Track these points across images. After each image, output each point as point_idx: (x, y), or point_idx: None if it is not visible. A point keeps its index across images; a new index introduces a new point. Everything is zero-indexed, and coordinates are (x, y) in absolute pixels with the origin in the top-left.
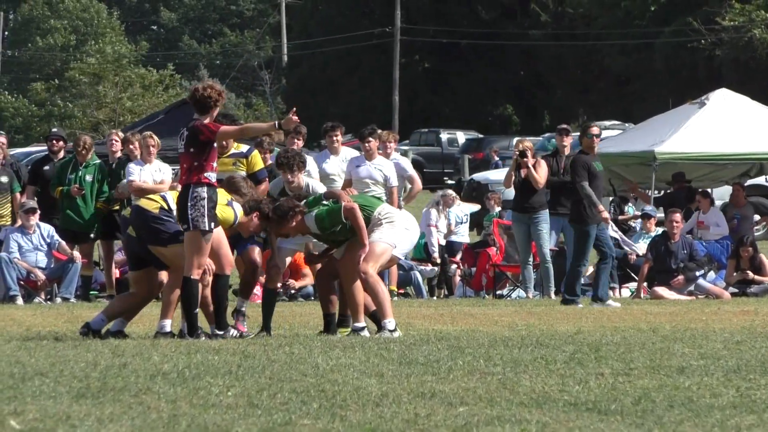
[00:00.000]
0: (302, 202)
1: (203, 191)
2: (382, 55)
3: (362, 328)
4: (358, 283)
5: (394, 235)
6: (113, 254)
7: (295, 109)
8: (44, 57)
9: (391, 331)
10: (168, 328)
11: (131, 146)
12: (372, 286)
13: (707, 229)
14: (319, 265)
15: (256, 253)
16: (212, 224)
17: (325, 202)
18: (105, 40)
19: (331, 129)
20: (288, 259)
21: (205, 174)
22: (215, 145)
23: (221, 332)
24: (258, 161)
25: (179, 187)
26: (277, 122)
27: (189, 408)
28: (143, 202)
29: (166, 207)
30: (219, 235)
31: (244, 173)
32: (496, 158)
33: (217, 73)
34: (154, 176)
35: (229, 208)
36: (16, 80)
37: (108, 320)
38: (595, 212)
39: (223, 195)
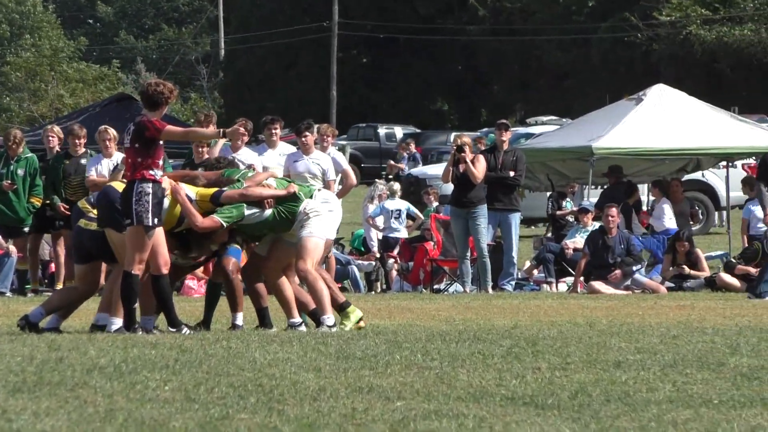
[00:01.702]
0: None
1: (148, 187)
2: (320, 49)
3: (299, 324)
4: (282, 280)
5: (323, 226)
6: (39, 248)
7: (243, 121)
8: None
9: (329, 326)
10: (117, 326)
11: (76, 140)
12: (311, 284)
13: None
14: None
15: (231, 264)
16: (156, 220)
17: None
18: (41, 34)
19: (270, 122)
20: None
21: (151, 171)
22: (161, 142)
23: (174, 329)
24: None
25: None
26: (222, 130)
27: (126, 402)
28: (116, 184)
29: None
30: (158, 234)
31: None
32: (405, 154)
33: (153, 67)
34: (111, 170)
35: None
36: None
37: (47, 313)
38: None
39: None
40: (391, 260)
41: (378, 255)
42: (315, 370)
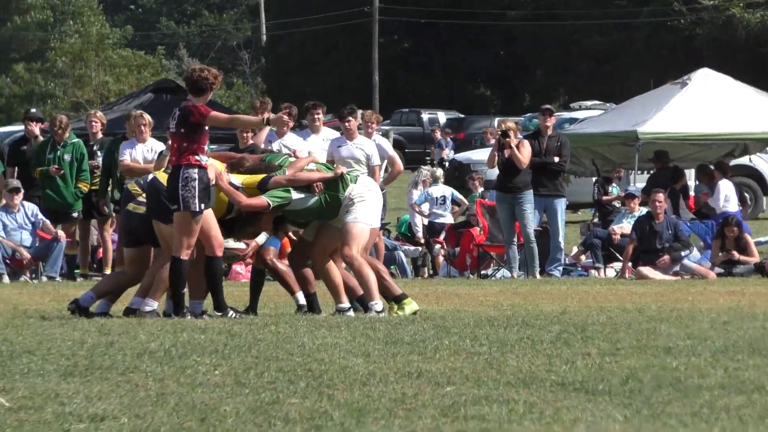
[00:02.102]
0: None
1: (194, 172)
2: (360, 34)
3: (347, 309)
4: (330, 265)
5: (368, 212)
6: (89, 233)
7: (287, 106)
8: (23, 36)
9: (378, 312)
10: (150, 308)
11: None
12: (357, 270)
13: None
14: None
15: (271, 252)
16: (202, 205)
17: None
18: (83, 20)
19: (312, 107)
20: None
21: (196, 156)
22: (206, 128)
23: (220, 313)
24: None
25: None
26: (266, 118)
27: (176, 386)
28: (160, 176)
29: None
30: (209, 216)
31: None
32: (448, 140)
33: (196, 53)
34: (146, 155)
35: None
36: None
37: (97, 297)
38: None
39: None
40: (438, 246)
41: (423, 241)
42: (364, 355)
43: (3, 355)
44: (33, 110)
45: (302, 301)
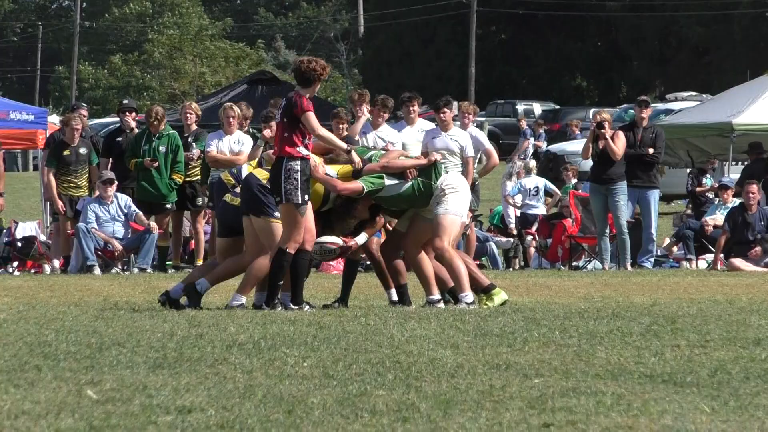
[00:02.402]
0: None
1: (296, 164)
2: (458, 26)
3: (437, 300)
4: (422, 256)
5: (459, 204)
6: (182, 225)
7: (383, 99)
8: (121, 27)
9: (468, 304)
10: (238, 303)
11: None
12: (448, 261)
13: None
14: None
15: (374, 242)
16: (305, 197)
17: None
18: (182, 11)
19: (408, 99)
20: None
21: (298, 147)
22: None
23: (296, 307)
24: None
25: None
26: (350, 149)
27: (265, 378)
28: (258, 172)
29: None
30: (308, 210)
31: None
32: (541, 131)
33: (293, 44)
34: (232, 147)
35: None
36: (94, 51)
37: (206, 285)
38: None
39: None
40: (530, 237)
41: (516, 232)
42: (452, 347)
43: (92, 347)
44: (126, 101)
45: (394, 297)
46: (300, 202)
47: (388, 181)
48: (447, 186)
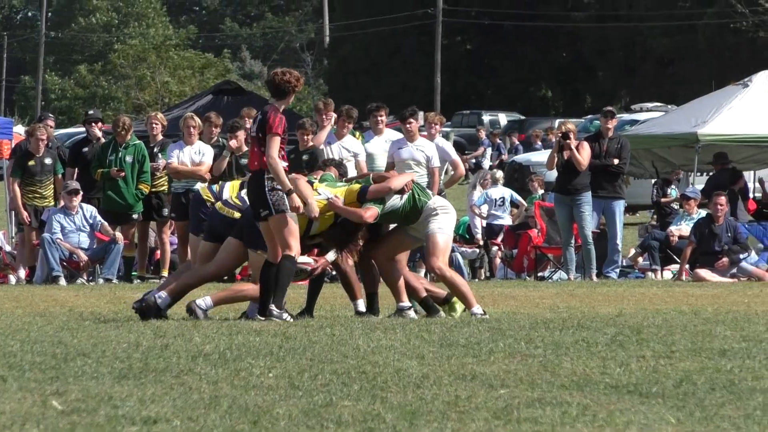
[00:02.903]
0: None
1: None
2: (424, 36)
3: (408, 308)
4: (392, 264)
5: (451, 224)
6: (148, 235)
7: (347, 110)
8: (87, 38)
9: (481, 314)
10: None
11: (213, 129)
12: (449, 280)
13: None
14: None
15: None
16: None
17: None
18: (148, 22)
19: (375, 109)
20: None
21: None
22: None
23: (263, 318)
24: None
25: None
26: (291, 190)
27: (230, 389)
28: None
29: (212, 201)
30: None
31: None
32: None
33: (258, 54)
34: (193, 158)
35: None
36: (60, 61)
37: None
38: None
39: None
40: (495, 247)
41: (482, 242)
42: (418, 357)
43: (57, 357)
44: (92, 112)
45: (361, 308)
46: (288, 209)
47: (389, 201)
48: (439, 206)
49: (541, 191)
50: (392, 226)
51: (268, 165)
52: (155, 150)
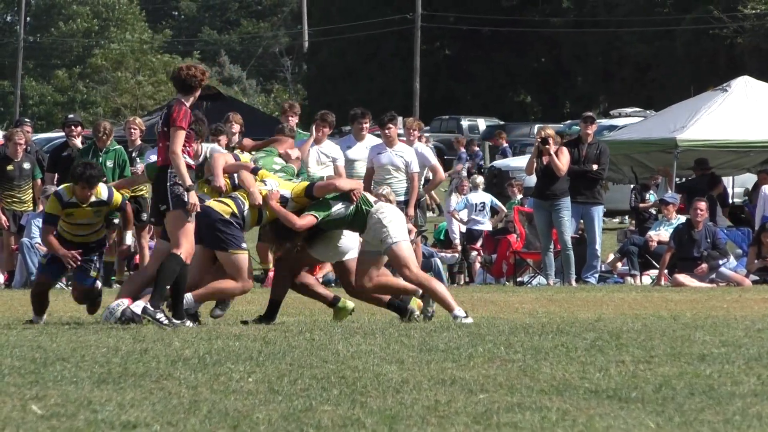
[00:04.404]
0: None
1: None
2: (402, 41)
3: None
4: (372, 287)
5: (402, 229)
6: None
7: (323, 114)
8: (66, 43)
9: (462, 317)
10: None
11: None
12: (426, 287)
13: None
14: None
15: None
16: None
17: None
18: (127, 27)
19: (361, 116)
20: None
21: (183, 156)
22: (191, 128)
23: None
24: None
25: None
26: (189, 186)
27: (210, 394)
28: (215, 205)
29: (237, 213)
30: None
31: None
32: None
33: (237, 60)
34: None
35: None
36: (39, 66)
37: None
38: None
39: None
40: (474, 253)
41: (460, 247)
42: (398, 362)
43: (36, 362)
44: (71, 116)
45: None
46: (188, 204)
47: (334, 208)
48: (383, 215)
49: (519, 196)
50: (349, 255)
51: (171, 157)
52: (134, 154)
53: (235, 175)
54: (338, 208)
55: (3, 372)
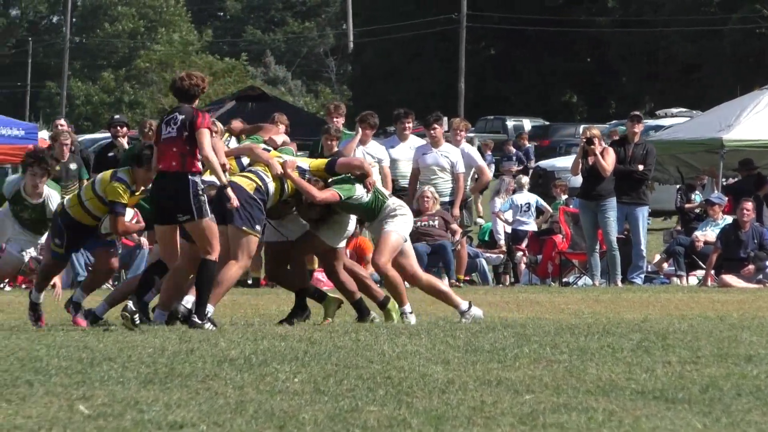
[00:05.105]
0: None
1: (199, 179)
2: (447, 41)
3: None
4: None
5: (407, 227)
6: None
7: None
8: (112, 44)
9: (409, 313)
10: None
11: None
12: (390, 279)
13: None
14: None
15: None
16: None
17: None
18: (173, 28)
19: (404, 116)
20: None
21: (198, 162)
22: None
23: (200, 321)
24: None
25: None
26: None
27: (256, 394)
28: (238, 179)
29: (262, 186)
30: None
31: None
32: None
33: (282, 60)
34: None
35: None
36: (85, 67)
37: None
38: None
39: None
40: (520, 253)
41: (505, 248)
42: (443, 362)
43: (83, 362)
44: (117, 116)
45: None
46: (210, 215)
47: (358, 191)
48: (397, 207)
49: (564, 197)
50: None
51: (205, 161)
52: None
53: (244, 158)
54: (361, 192)
55: (50, 372)
